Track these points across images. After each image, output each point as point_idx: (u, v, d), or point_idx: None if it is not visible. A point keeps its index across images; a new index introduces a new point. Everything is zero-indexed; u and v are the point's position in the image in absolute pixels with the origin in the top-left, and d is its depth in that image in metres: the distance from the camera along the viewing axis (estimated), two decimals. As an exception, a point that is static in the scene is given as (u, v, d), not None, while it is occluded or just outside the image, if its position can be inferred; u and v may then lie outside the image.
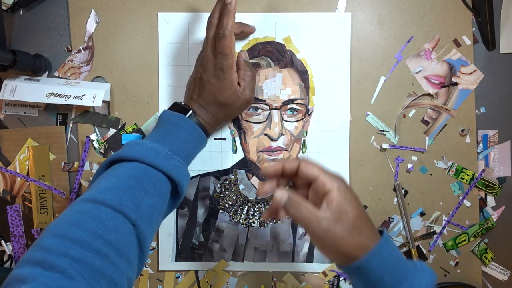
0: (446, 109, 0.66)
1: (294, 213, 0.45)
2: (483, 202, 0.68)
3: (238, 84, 0.58)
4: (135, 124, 0.67)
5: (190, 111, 0.57)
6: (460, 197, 0.67)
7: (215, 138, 0.66)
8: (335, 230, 0.43)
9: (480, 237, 0.67)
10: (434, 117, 0.66)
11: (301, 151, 0.66)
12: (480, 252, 0.67)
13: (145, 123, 0.67)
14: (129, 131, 0.67)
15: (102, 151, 0.67)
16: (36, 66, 0.65)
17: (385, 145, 0.66)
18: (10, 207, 0.67)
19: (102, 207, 0.46)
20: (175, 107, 0.58)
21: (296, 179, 0.49)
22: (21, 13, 0.67)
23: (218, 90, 0.57)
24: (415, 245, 0.67)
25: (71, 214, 0.45)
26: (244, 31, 0.64)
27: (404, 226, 0.67)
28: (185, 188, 0.55)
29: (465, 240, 0.67)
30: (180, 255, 0.67)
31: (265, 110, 0.66)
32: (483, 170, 0.67)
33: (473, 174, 0.66)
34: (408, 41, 0.66)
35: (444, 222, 0.67)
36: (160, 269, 0.67)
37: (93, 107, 0.67)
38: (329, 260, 0.66)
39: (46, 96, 0.62)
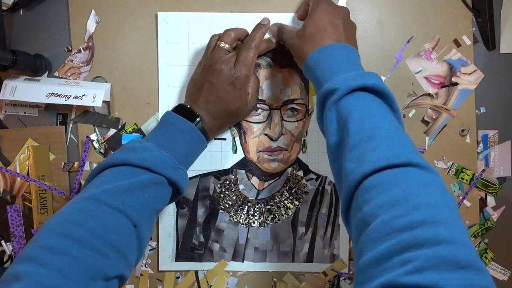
0: (446, 109, 0.66)
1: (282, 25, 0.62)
2: (483, 202, 0.67)
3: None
4: (135, 124, 0.67)
5: (198, 119, 0.56)
6: (460, 197, 0.67)
7: (215, 138, 0.66)
8: (294, 39, 0.56)
9: (480, 237, 0.67)
10: (434, 117, 0.66)
11: (301, 151, 0.66)
12: (480, 252, 0.67)
13: (145, 123, 0.67)
14: (129, 131, 0.67)
15: (102, 151, 0.67)
16: (36, 66, 0.65)
17: (385, 145, 0.66)
18: (10, 207, 0.67)
19: (105, 206, 0.46)
20: (180, 110, 0.57)
21: None
22: (21, 13, 0.67)
23: (232, 98, 0.57)
24: (415, 245, 0.67)
25: (72, 212, 0.45)
26: (267, 48, 0.63)
27: (404, 226, 0.67)
28: (185, 191, 0.57)
29: (465, 240, 0.67)
30: (180, 255, 0.67)
31: (265, 110, 0.65)
32: (483, 170, 0.67)
33: (473, 174, 0.66)
34: (408, 41, 0.66)
35: (444, 222, 0.67)
36: (160, 269, 0.67)
37: (93, 107, 0.67)
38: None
39: (46, 96, 0.62)
